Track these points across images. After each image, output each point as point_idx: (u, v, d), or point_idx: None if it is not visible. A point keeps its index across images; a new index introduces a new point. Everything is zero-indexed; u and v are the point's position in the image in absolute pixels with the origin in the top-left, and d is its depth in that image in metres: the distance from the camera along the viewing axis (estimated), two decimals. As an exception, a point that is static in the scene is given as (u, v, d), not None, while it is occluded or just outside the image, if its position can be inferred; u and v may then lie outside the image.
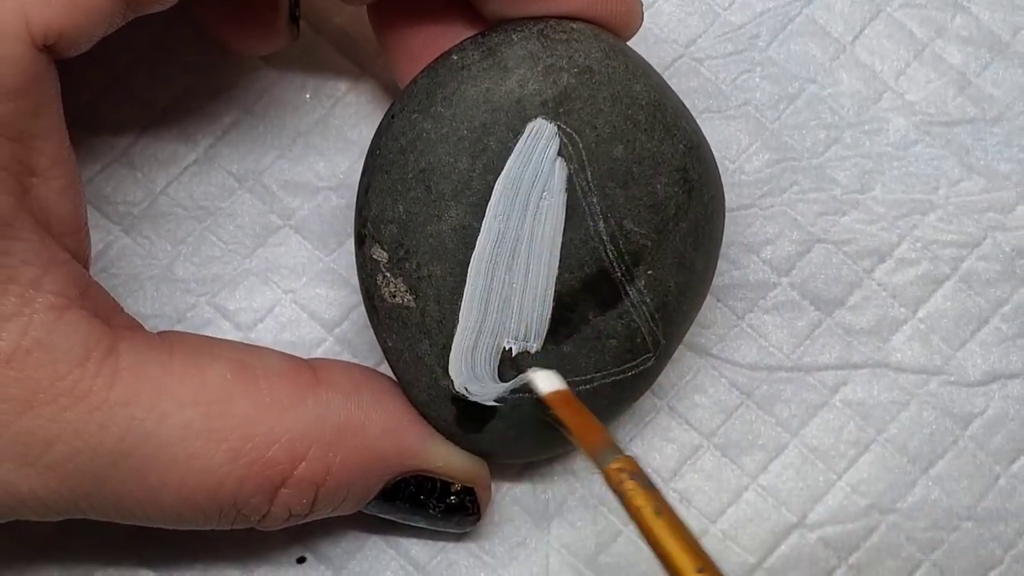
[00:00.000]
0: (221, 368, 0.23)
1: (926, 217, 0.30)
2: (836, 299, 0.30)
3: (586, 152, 0.24)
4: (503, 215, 0.24)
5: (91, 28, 0.21)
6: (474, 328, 0.24)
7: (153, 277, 0.29)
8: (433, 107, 0.24)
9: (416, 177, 0.24)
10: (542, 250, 0.24)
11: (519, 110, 0.24)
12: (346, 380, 0.25)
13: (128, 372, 0.22)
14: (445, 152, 0.24)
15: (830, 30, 0.31)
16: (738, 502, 0.29)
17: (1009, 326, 0.30)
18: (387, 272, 0.24)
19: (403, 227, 0.24)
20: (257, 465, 0.23)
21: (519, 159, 0.24)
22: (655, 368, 0.26)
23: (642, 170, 0.24)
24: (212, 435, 0.23)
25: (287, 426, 0.23)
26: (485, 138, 0.24)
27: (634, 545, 0.29)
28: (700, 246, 0.25)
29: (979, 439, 0.30)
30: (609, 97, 0.24)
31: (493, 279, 0.24)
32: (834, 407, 0.30)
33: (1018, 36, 0.31)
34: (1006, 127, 0.31)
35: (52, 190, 0.22)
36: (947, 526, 0.29)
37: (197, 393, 0.23)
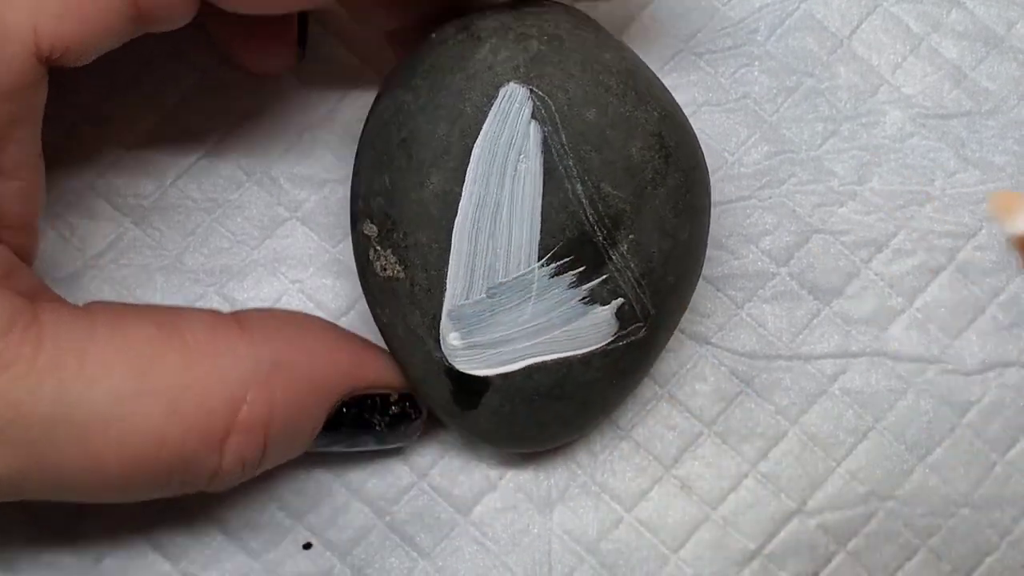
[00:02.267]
0: (144, 327, 0.23)
1: (922, 208, 0.31)
2: (834, 289, 0.30)
3: (559, 115, 0.24)
4: (482, 178, 0.24)
5: (98, 44, 0.22)
6: (461, 295, 0.25)
7: (163, 268, 0.29)
8: (413, 80, 0.25)
9: (399, 146, 0.25)
10: (523, 214, 0.24)
11: (492, 76, 0.24)
12: (269, 320, 0.25)
13: (51, 340, 0.22)
14: (424, 120, 0.24)
15: (828, 25, 0.31)
16: (738, 489, 0.30)
17: (1005, 315, 0.30)
18: (377, 246, 0.25)
19: (389, 198, 0.25)
20: (197, 415, 0.23)
21: (494, 122, 0.24)
22: (649, 342, 0.26)
23: (616, 134, 0.24)
24: (144, 392, 0.22)
25: (220, 373, 0.23)
26: (461, 104, 0.24)
27: (635, 532, 0.29)
28: (681, 214, 0.25)
29: (976, 427, 0.30)
30: (579, 63, 0.25)
31: (477, 244, 0.24)
32: (833, 395, 0.30)
33: (1013, 30, 0.31)
34: (1001, 120, 0.31)
35: (9, 189, 0.23)
36: (944, 513, 0.30)
37: (122, 354, 0.22)
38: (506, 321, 0.25)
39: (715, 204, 0.30)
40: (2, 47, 0.20)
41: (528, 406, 0.26)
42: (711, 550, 0.29)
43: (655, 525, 0.29)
